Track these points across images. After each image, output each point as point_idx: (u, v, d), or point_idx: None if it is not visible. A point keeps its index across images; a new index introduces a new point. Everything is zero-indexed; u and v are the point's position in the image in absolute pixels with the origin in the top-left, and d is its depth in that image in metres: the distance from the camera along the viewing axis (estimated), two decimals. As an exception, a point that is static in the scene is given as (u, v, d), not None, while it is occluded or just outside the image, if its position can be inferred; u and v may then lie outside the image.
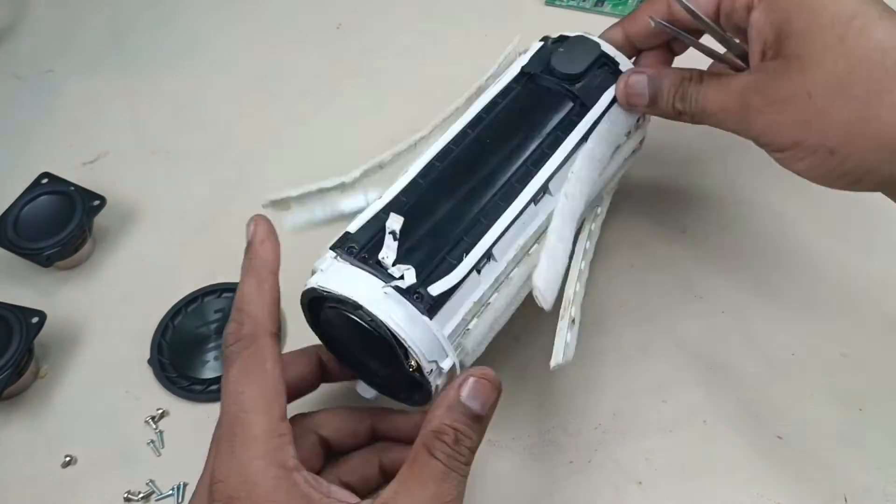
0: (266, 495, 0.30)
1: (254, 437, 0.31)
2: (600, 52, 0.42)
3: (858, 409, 0.40)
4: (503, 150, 0.39)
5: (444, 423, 0.32)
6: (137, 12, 0.67)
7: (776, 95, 0.34)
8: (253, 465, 0.31)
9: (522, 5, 0.61)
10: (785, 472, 0.39)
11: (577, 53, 0.42)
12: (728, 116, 0.37)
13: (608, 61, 0.42)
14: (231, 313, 0.34)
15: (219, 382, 0.44)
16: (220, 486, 0.31)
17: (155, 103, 0.60)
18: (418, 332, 0.34)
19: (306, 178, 0.53)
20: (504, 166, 0.38)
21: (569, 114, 0.41)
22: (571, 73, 0.41)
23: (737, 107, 0.36)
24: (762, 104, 0.35)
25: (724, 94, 0.37)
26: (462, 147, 0.40)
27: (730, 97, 0.36)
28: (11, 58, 0.65)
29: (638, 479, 0.39)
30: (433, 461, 0.31)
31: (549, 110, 0.41)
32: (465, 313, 0.35)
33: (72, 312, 0.49)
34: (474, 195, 0.38)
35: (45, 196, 0.51)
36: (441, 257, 0.35)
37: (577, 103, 0.41)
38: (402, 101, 0.57)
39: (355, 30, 0.63)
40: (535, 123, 0.40)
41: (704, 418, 0.41)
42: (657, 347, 0.43)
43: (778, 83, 0.34)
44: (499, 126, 0.41)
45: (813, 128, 0.33)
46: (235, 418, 0.32)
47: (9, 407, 0.46)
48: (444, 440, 0.31)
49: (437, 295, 0.34)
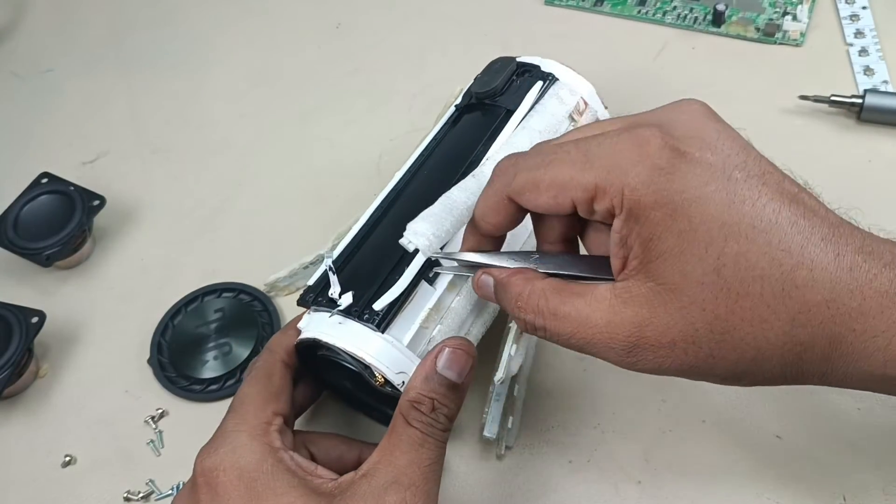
0: (250, 466, 0.33)
1: (246, 420, 0.34)
2: (517, 64, 0.44)
3: (857, 409, 0.40)
4: (440, 174, 0.41)
5: (421, 393, 0.33)
6: (137, 12, 0.67)
7: (660, 341, 0.30)
8: (240, 439, 0.33)
9: (522, 5, 0.61)
10: (784, 471, 0.39)
11: (494, 72, 0.44)
12: (600, 350, 0.31)
13: (529, 68, 0.44)
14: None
15: (218, 382, 0.46)
16: (207, 459, 0.33)
17: (155, 103, 0.60)
18: (374, 347, 0.36)
19: (306, 177, 0.54)
20: (443, 184, 0.39)
21: (495, 122, 0.42)
22: (490, 88, 0.43)
23: (612, 342, 0.31)
24: (644, 347, 0.30)
25: (592, 320, 0.31)
26: (405, 185, 0.42)
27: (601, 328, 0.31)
28: (11, 57, 0.65)
29: (637, 479, 0.40)
30: (410, 429, 0.33)
31: (479, 128, 0.43)
32: (421, 321, 0.37)
33: (71, 312, 0.49)
34: (409, 214, 0.37)
35: (45, 196, 0.51)
36: (385, 278, 0.37)
37: (504, 112, 0.43)
38: (401, 100, 0.57)
39: (355, 29, 0.63)
40: (469, 143, 0.42)
41: (703, 418, 0.41)
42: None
43: (658, 326, 0.30)
44: (436, 158, 0.43)
45: (702, 369, 0.30)
46: (234, 408, 0.35)
47: (9, 406, 0.46)
48: (420, 409, 0.33)
49: (382, 309, 0.36)
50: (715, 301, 0.29)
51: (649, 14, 0.59)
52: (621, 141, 0.31)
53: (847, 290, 0.29)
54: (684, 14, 0.58)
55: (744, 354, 0.30)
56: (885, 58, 0.54)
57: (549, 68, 0.44)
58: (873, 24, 0.56)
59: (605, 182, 0.30)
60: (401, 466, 0.32)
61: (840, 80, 0.53)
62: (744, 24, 0.57)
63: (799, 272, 0.29)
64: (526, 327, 0.33)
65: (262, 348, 0.44)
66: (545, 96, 0.43)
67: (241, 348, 0.46)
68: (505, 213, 0.34)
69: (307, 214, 0.52)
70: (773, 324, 0.29)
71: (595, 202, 0.31)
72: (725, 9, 0.57)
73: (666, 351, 0.30)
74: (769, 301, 0.29)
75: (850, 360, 0.30)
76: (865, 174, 0.49)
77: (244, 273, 0.49)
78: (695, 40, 0.57)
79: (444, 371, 0.34)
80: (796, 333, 0.29)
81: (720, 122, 0.32)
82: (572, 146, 0.32)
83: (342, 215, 0.47)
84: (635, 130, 0.31)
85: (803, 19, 0.56)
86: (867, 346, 0.29)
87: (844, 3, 0.57)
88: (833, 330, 0.29)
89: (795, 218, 0.29)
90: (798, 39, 0.56)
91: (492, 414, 0.40)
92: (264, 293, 0.48)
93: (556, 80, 0.43)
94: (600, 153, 0.31)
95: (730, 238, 0.29)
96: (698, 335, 0.30)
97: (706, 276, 0.29)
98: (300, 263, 0.47)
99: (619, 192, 0.30)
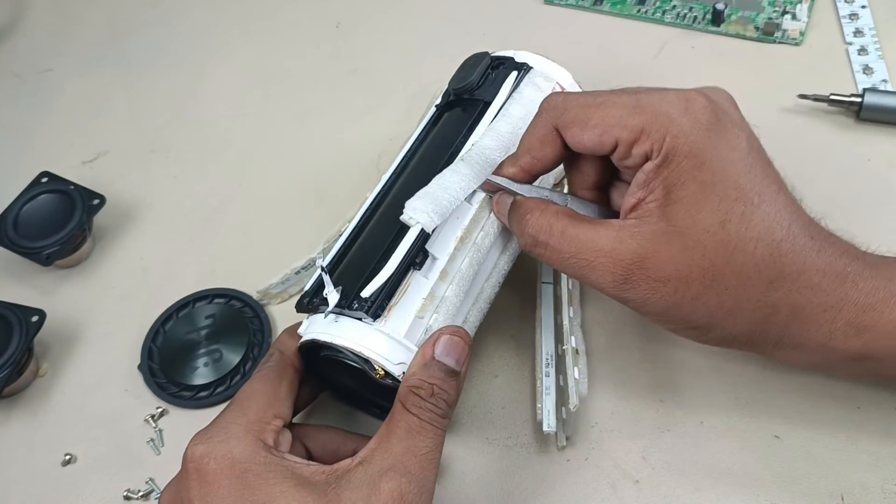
0: (242, 456, 0.33)
1: (246, 416, 0.35)
2: (491, 58, 0.44)
3: (856, 408, 0.40)
4: (423, 170, 0.41)
5: (421, 379, 0.34)
6: (137, 11, 0.67)
7: (657, 274, 0.33)
8: (235, 431, 0.34)
9: (521, 4, 0.61)
10: (782, 470, 0.39)
11: (469, 67, 0.44)
12: (598, 274, 0.34)
13: (503, 60, 0.44)
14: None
15: (208, 389, 0.45)
16: (199, 446, 0.33)
17: (154, 102, 0.60)
18: (371, 340, 0.36)
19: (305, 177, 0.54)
20: (424, 177, 0.39)
21: (474, 115, 0.43)
22: (466, 83, 0.43)
23: (612, 267, 0.34)
24: (640, 278, 0.33)
25: (598, 244, 0.34)
26: (391, 185, 0.42)
27: (606, 252, 0.34)
28: (11, 57, 0.65)
29: (635, 478, 0.40)
30: (408, 415, 0.33)
31: (457, 122, 0.43)
32: (416, 311, 0.37)
33: (71, 311, 0.49)
34: (398, 210, 0.38)
35: (45, 195, 0.51)
36: (372, 269, 0.37)
37: (481, 104, 0.43)
38: (401, 99, 0.57)
39: (354, 29, 0.63)
40: (447, 137, 0.42)
41: (701, 418, 0.41)
42: (655, 346, 0.44)
43: (659, 260, 0.33)
44: (419, 156, 0.43)
45: (683, 309, 0.34)
46: (237, 402, 0.36)
47: (9, 405, 0.46)
48: (419, 394, 0.34)
49: (371, 295, 0.36)
50: (714, 250, 0.33)
51: (649, 13, 0.59)
52: (670, 95, 0.35)
53: (814, 267, 0.34)
54: (684, 13, 0.58)
55: (723, 303, 0.33)
56: (885, 57, 0.54)
57: (522, 58, 0.44)
58: (872, 22, 0.56)
59: (651, 126, 0.34)
60: (397, 454, 0.32)
61: (839, 79, 0.53)
62: (743, 23, 0.57)
63: (784, 244, 0.33)
64: (527, 243, 0.36)
65: (252, 355, 0.46)
66: (521, 85, 0.43)
67: (232, 355, 0.46)
68: (549, 147, 0.37)
69: (306, 213, 0.52)
70: (755, 282, 0.33)
71: (636, 144, 0.34)
72: (725, 8, 0.57)
73: (658, 285, 0.33)
74: (758, 261, 0.33)
75: (804, 329, 0.34)
76: (864, 173, 0.49)
77: (244, 272, 0.49)
78: (694, 39, 0.57)
79: (442, 357, 0.35)
80: (769, 295, 0.33)
81: (740, 112, 0.36)
82: (623, 93, 0.35)
83: (341, 215, 0.47)
84: (682, 91, 0.35)
85: (802, 18, 0.56)
86: (819, 318, 0.34)
87: (843, 2, 0.57)
88: (797, 299, 0.33)
89: (788, 202, 0.34)
90: (797, 38, 0.56)
91: (546, 408, 0.40)
92: (255, 299, 0.48)
93: (530, 69, 0.44)
94: (650, 101, 0.34)
95: (739, 199, 0.33)
96: (692, 276, 0.33)
97: (713, 226, 0.33)
98: (292, 269, 0.47)
99: (662, 137, 0.33)
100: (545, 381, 0.40)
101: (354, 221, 0.42)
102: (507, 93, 0.43)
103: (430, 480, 0.33)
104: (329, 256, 0.40)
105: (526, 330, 0.44)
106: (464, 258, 0.39)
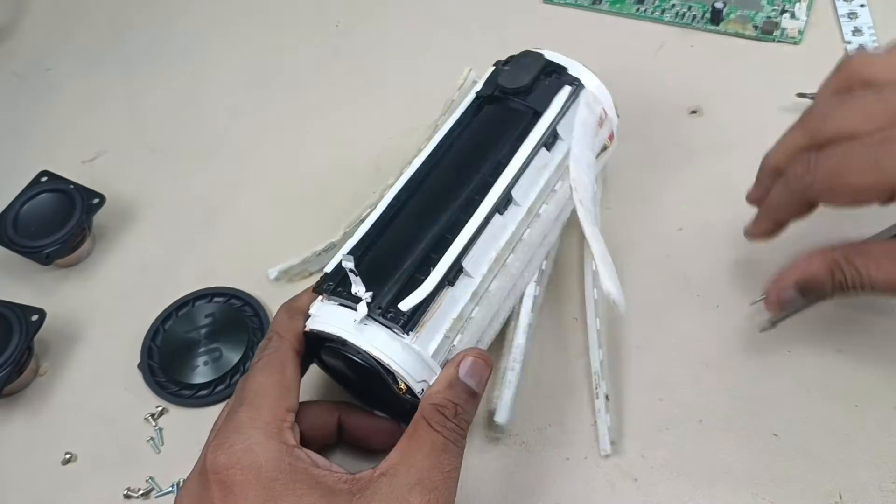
0: (268, 465, 0.32)
1: (261, 416, 0.34)
2: (545, 62, 0.43)
3: (854, 406, 0.40)
4: (463, 170, 0.40)
5: (447, 398, 0.34)
6: (137, 11, 0.67)
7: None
8: (256, 437, 0.33)
9: (521, 4, 0.61)
10: (780, 469, 0.39)
11: (523, 67, 0.43)
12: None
13: (556, 68, 0.43)
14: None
15: (208, 388, 0.45)
16: (221, 456, 0.32)
17: (154, 102, 0.60)
18: (402, 356, 0.35)
19: (305, 176, 0.54)
20: (464, 183, 0.39)
21: (523, 124, 0.41)
22: (520, 86, 0.42)
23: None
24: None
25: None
26: (425, 176, 0.41)
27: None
28: (11, 56, 0.65)
29: (634, 477, 0.40)
30: (433, 433, 0.33)
31: (504, 125, 0.42)
32: (446, 330, 0.36)
33: (71, 310, 0.49)
34: (437, 215, 0.38)
35: (45, 194, 0.51)
36: (411, 277, 0.36)
37: (531, 113, 0.42)
38: (401, 99, 0.57)
39: (354, 28, 0.63)
40: (492, 140, 0.41)
41: (700, 417, 0.41)
42: (653, 345, 0.44)
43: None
44: (458, 150, 0.42)
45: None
46: (248, 400, 0.34)
47: (9, 404, 0.46)
48: (444, 413, 0.34)
49: (409, 310, 0.35)
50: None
51: (647, 12, 0.59)
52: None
53: None
54: (682, 12, 0.58)
55: None
56: (884, 56, 0.54)
57: (576, 72, 0.43)
58: (871, 21, 0.56)
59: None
60: (423, 469, 0.32)
61: (838, 78, 0.53)
62: (742, 21, 0.57)
63: None
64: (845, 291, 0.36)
65: (252, 354, 0.44)
66: (575, 105, 0.42)
67: (232, 353, 0.46)
68: (799, 209, 0.38)
69: (306, 213, 0.52)
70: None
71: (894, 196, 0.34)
72: (724, 7, 0.57)
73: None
74: None
75: None
76: (863, 172, 0.49)
77: (243, 272, 0.49)
78: (693, 38, 0.57)
79: (465, 378, 0.35)
80: None
81: None
82: (861, 151, 0.34)
83: (341, 214, 0.47)
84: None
85: (801, 17, 0.56)
86: None
87: (842, 0, 0.57)
88: None
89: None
90: (796, 37, 0.56)
91: (503, 399, 0.40)
92: (256, 298, 0.48)
93: (582, 87, 0.43)
94: (891, 161, 0.33)
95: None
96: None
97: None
98: (313, 251, 0.47)
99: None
100: (509, 375, 0.41)
101: (380, 209, 0.40)
102: (558, 108, 0.42)
103: (453, 498, 0.33)
104: (352, 242, 0.39)
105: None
106: (492, 279, 0.39)
